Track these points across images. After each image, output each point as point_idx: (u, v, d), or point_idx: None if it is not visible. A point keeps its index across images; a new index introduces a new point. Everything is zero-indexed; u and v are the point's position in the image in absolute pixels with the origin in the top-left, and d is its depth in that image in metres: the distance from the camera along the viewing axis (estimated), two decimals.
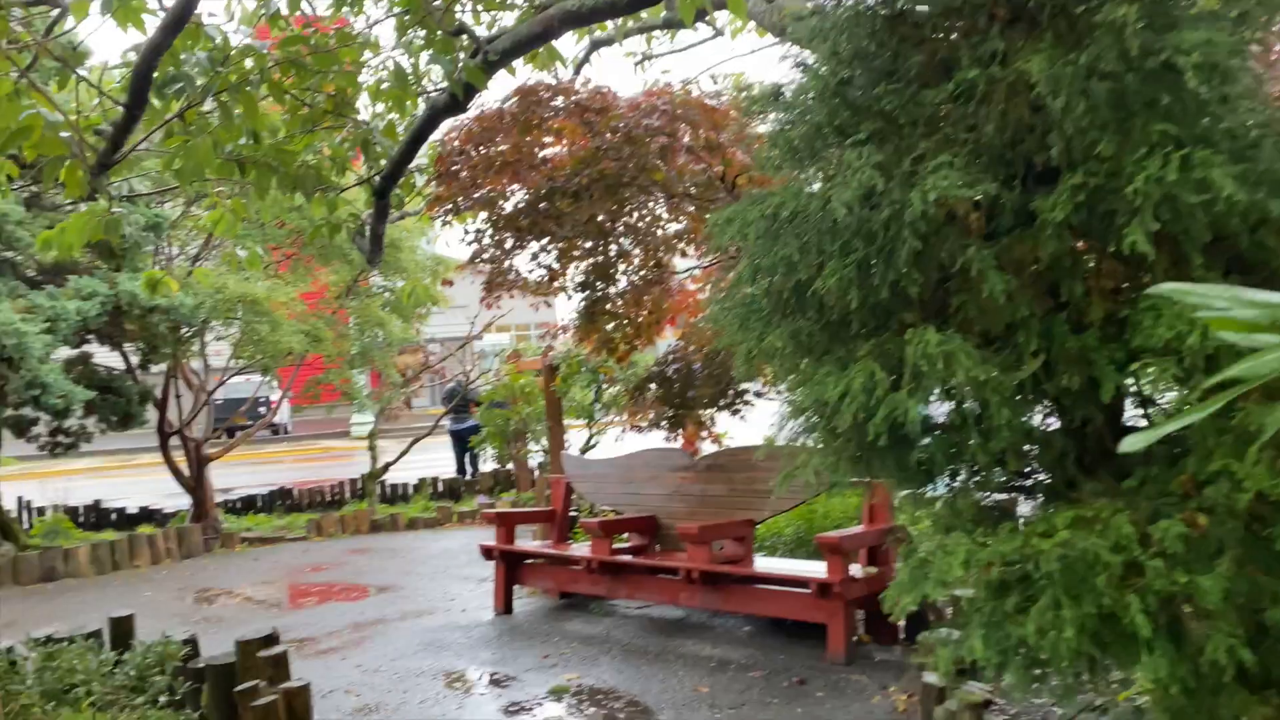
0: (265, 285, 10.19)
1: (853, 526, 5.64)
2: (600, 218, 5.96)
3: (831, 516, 7.13)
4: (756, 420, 7.62)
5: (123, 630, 5.14)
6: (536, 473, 13.01)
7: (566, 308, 7.68)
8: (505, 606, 6.53)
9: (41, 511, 12.41)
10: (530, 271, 6.59)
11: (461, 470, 14.92)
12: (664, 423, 7.10)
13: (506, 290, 7.00)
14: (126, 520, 12.44)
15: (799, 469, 2.60)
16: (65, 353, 10.95)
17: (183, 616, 7.13)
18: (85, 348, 11.27)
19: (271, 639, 4.27)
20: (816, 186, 2.67)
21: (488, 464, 13.58)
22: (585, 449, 12.52)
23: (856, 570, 5.22)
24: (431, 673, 5.30)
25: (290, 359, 11.67)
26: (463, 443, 14.44)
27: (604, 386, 12.19)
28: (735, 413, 6.84)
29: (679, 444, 8.27)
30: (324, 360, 12.06)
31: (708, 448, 7.93)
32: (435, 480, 13.61)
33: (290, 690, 3.92)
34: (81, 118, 4.05)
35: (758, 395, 6.99)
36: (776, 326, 2.52)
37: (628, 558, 5.94)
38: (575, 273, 6.99)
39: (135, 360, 11.24)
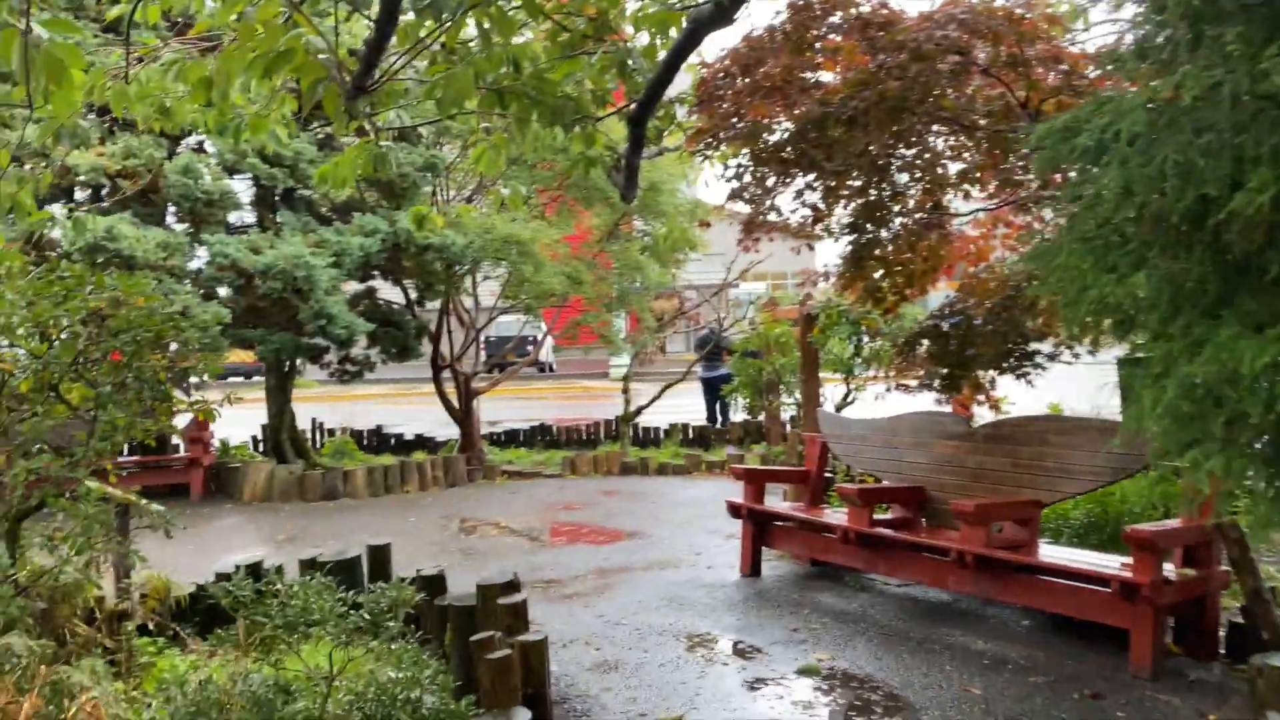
0: (531, 227, 10.31)
1: (1168, 520, 4.77)
2: (874, 150, 5.33)
3: (1130, 502, 6.19)
4: (1045, 386, 6.75)
5: (379, 559, 5.27)
6: (788, 427, 12.57)
7: (828, 253, 7.10)
8: (752, 568, 6.19)
9: (331, 433, 13.49)
10: (793, 211, 6.08)
11: (712, 418, 14.74)
12: (935, 383, 6.40)
13: (766, 232, 6.53)
14: (403, 446, 13.28)
15: (1184, 467, 1.98)
16: (352, 287, 11.74)
17: (441, 545, 7.37)
18: (370, 283, 12.03)
19: (513, 585, 4.14)
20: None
21: (738, 414, 13.28)
22: (841, 406, 11.90)
23: (1169, 571, 4.39)
24: (674, 632, 5.05)
25: (553, 300, 11.86)
26: (714, 391, 14.22)
27: (865, 340, 11.48)
28: (1022, 376, 6.03)
29: (949, 408, 7.53)
30: (584, 303, 12.16)
31: (983, 415, 7.14)
32: (686, 426, 13.51)
33: (526, 644, 3.76)
34: (341, 43, 3.98)
35: (1050, 357, 6.13)
36: (1151, 266, 1.90)
37: (889, 531, 5.39)
38: (842, 214, 6.40)
39: (414, 296, 11.86)
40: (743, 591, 5.86)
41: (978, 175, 6.56)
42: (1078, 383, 7.07)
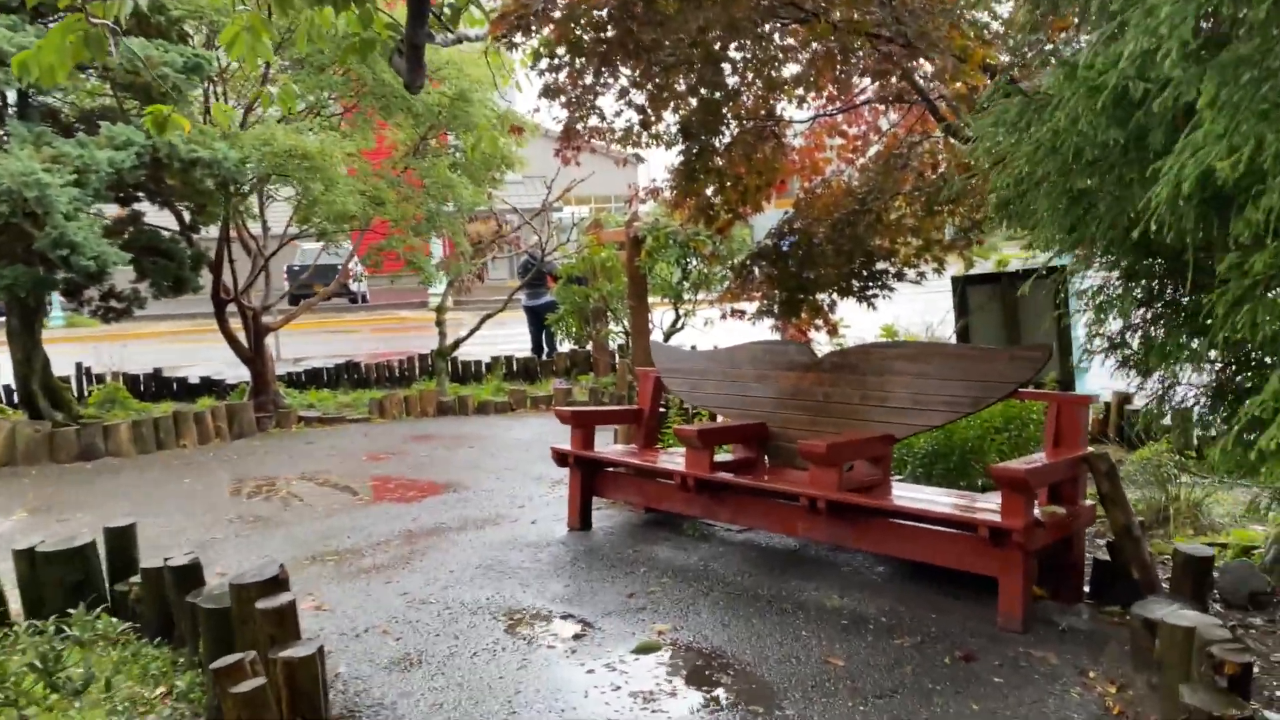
0: (320, 139, 9.04)
1: (1033, 456, 4.37)
2: (711, 36, 4.58)
3: (974, 431, 5.85)
4: (878, 310, 6.31)
5: (121, 545, 4.23)
6: (616, 357, 11.96)
7: (656, 169, 6.35)
8: (582, 521, 5.50)
9: (101, 379, 11.84)
10: (617, 115, 5.28)
11: (538, 349, 13.95)
12: (773, 308, 5.83)
13: (587, 141, 5.72)
14: (187, 391, 11.82)
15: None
16: (114, 211, 10.13)
17: (219, 512, 6.30)
18: (134, 206, 10.43)
19: (278, 583, 3.25)
20: None
21: (565, 344, 12.55)
22: (670, 332, 11.36)
23: (1036, 512, 3.98)
24: (491, 609, 4.30)
25: (355, 223, 10.63)
26: (539, 319, 13.42)
27: (694, 263, 10.92)
28: (868, 299, 5.55)
29: (787, 335, 7.03)
30: (389, 226, 10.97)
31: (820, 341, 6.67)
32: (510, 359, 12.69)
33: (293, 662, 2.91)
34: None
35: (897, 277, 5.66)
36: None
37: (732, 477, 4.79)
38: (671, 120, 5.66)
39: (189, 221, 10.36)
40: (571, 550, 5.17)
41: (812, 79, 5.95)
42: (906, 306, 6.65)
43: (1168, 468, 5.36)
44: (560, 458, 5.53)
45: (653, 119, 5.25)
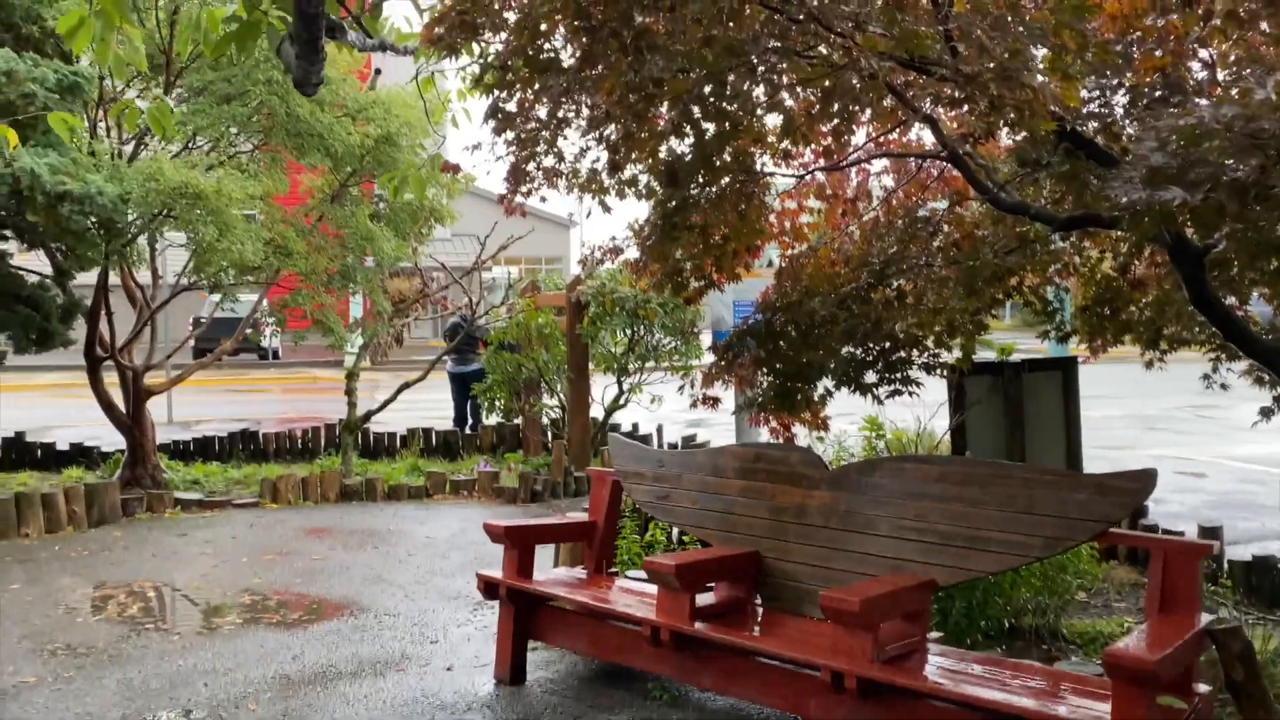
0: (215, 176, 7.75)
1: (1139, 627, 3.29)
2: (709, 53, 3.48)
3: (1024, 581, 4.75)
4: (849, 402, 5.18)
5: None
6: (549, 434, 10.74)
7: (593, 231, 5.24)
8: (514, 673, 4.23)
9: None
10: (582, 153, 4.17)
11: (461, 420, 12.63)
12: (768, 399, 4.72)
13: (538, 186, 4.57)
14: (54, 459, 10.21)
15: None
16: None
17: (38, 639, 4.86)
18: (2, 245, 9.01)
19: None
20: None
21: (492, 416, 11.28)
22: (612, 408, 10.18)
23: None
24: None
25: (260, 275, 9.30)
26: (465, 388, 12.12)
27: (642, 333, 9.82)
28: (892, 392, 4.48)
29: (764, 430, 5.92)
30: (299, 279, 9.66)
31: (802, 438, 5.58)
32: (429, 432, 11.34)
33: None
34: None
35: (928, 369, 4.61)
36: None
37: (722, 635, 3.61)
38: (641, 166, 4.57)
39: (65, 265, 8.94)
40: (499, 715, 3.90)
41: (802, 128, 4.94)
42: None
43: None
44: (488, 588, 4.28)
45: (624, 159, 4.15)
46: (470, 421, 12.45)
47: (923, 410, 7.14)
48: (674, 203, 4.26)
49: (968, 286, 4.06)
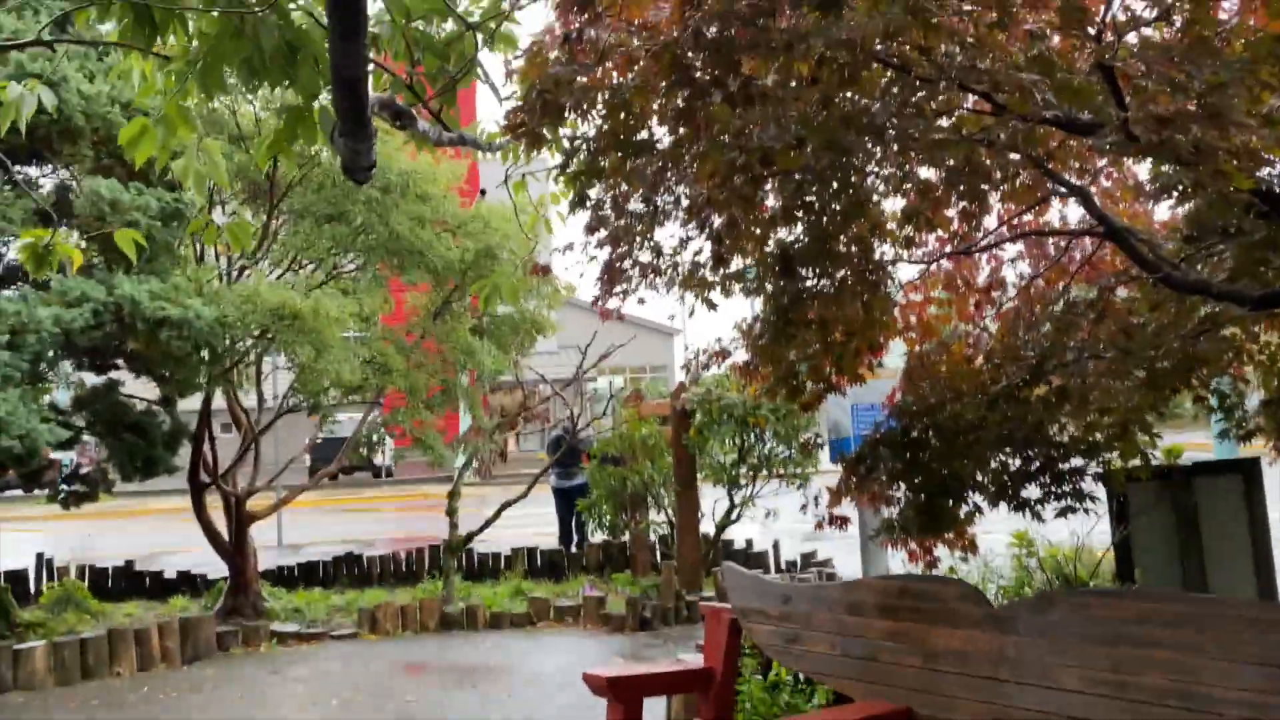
0: (313, 295, 7.65)
1: None
2: (834, 122, 3.01)
3: None
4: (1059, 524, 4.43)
5: None
6: (659, 551, 10.14)
7: (696, 336, 4.75)
8: None
9: (63, 572, 10.18)
10: (681, 245, 3.73)
11: (566, 538, 12.12)
12: (909, 518, 4.07)
13: (635, 286, 4.14)
14: (163, 587, 10.10)
15: None
16: (92, 380, 8.79)
17: None
18: (114, 374, 9.08)
19: None
20: None
21: (598, 533, 10.75)
22: (723, 524, 9.53)
23: None
24: None
25: (364, 394, 9.17)
26: (570, 503, 11.66)
27: (754, 441, 9.22)
28: (1069, 507, 3.79)
29: (900, 553, 5.22)
30: (402, 397, 9.49)
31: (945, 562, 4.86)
32: (533, 551, 10.87)
33: None
34: None
35: (1104, 479, 3.92)
36: None
37: None
38: (749, 256, 4.09)
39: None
40: None
41: (926, 212, 4.44)
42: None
43: None
44: None
45: (729, 250, 3.69)
46: (576, 539, 11.94)
47: (1078, 522, 6.30)
48: (788, 296, 3.75)
49: (1151, 380, 3.39)
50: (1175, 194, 3.29)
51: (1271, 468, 5.84)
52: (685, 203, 3.54)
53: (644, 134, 3.33)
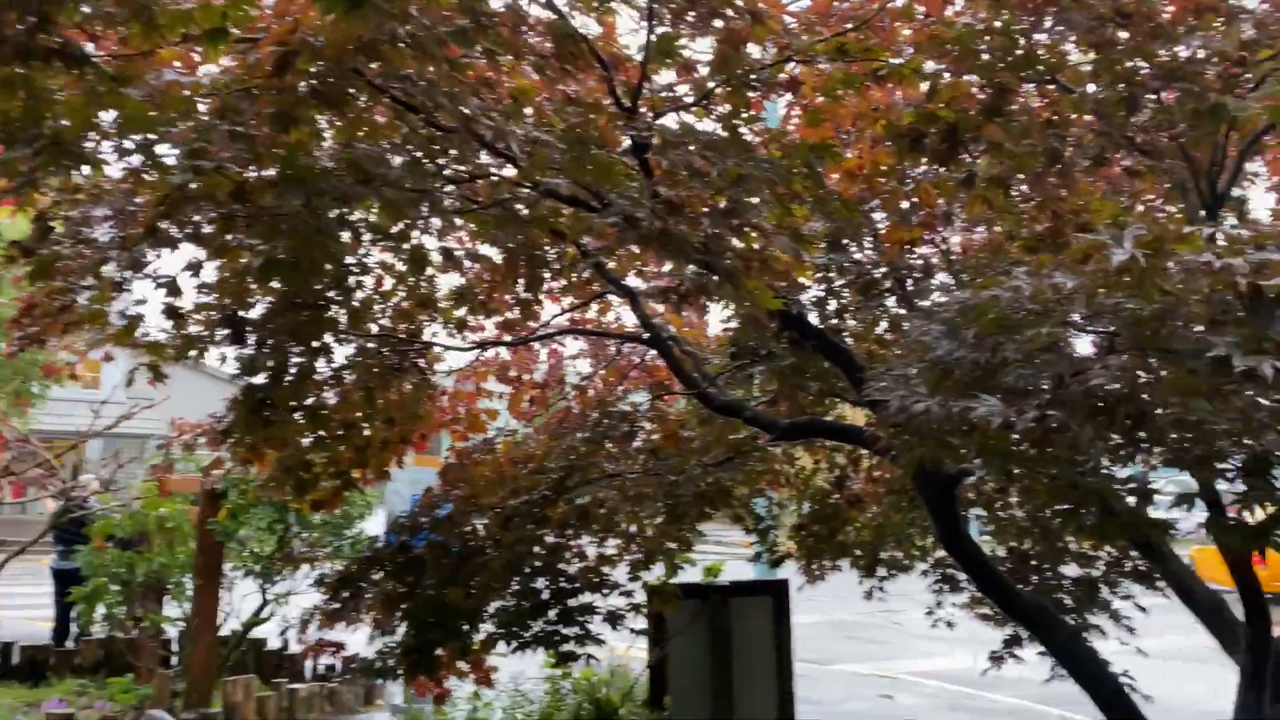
0: None
1: None
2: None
3: None
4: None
5: None
6: (176, 652, 8.56)
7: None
8: None
9: None
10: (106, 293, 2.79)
11: (62, 632, 9.93)
12: (400, 656, 3.33)
13: (100, 337, 3.13)
14: None
15: None
16: None
17: None
18: None
19: None
20: None
21: (99, 626, 8.89)
22: (251, 623, 8.22)
23: None
24: None
25: None
26: (68, 589, 9.58)
27: (297, 529, 8.08)
28: (570, 653, 3.26)
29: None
30: None
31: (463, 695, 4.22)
32: (8, 648, 8.77)
33: None
34: None
35: (613, 622, 3.44)
36: None
37: None
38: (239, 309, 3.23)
39: None
40: None
41: (480, 296, 3.96)
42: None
43: None
44: None
45: (195, 303, 2.80)
46: (73, 631, 9.83)
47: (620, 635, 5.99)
48: (265, 382, 2.93)
49: (670, 510, 3.01)
50: (710, 304, 2.98)
51: (800, 593, 5.94)
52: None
53: None
